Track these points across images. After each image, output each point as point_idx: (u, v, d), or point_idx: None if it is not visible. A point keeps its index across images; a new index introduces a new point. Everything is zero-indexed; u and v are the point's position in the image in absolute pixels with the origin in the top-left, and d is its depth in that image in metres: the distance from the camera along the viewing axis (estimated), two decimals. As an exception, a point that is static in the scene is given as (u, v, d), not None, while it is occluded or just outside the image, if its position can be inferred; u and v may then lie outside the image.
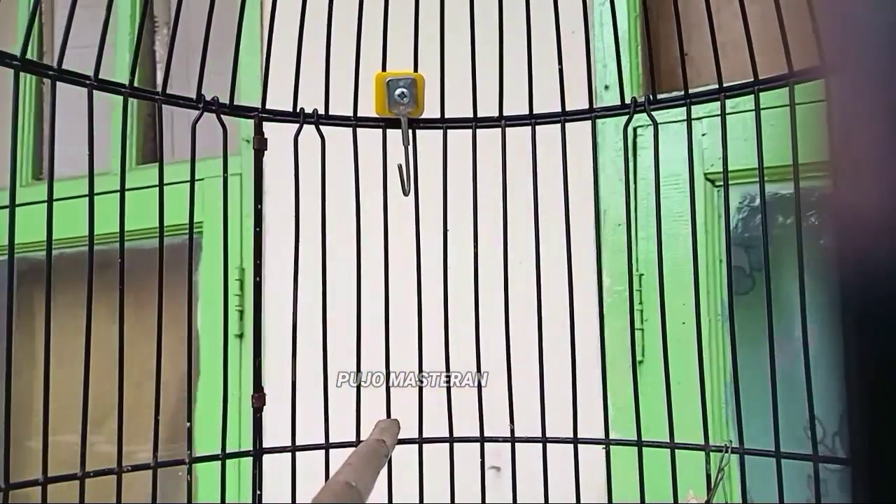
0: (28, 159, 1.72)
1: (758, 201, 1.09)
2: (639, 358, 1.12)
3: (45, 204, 0.69)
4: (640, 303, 1.13)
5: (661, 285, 0.79)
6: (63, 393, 0.73)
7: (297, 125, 0.84)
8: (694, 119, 1.01)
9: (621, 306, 1.09)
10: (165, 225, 0.77)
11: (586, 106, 0.85)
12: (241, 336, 1.41)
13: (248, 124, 0.85)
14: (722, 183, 1.05)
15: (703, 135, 1.09)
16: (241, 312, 1.41)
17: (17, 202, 0.68)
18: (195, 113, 0.79)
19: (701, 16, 0.79)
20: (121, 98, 0.74)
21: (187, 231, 0.79)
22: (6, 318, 0.74)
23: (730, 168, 0.77)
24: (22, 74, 0.67)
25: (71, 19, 0.68)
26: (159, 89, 0.78)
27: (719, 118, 0.78)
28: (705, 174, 1.11)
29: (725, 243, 0.80)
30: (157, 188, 0.77)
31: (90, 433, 0.69)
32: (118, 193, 0.74)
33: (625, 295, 1.12)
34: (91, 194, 0.71)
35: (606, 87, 1.20)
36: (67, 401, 0.72)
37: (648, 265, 1.13)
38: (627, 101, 0.83)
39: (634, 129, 1.16)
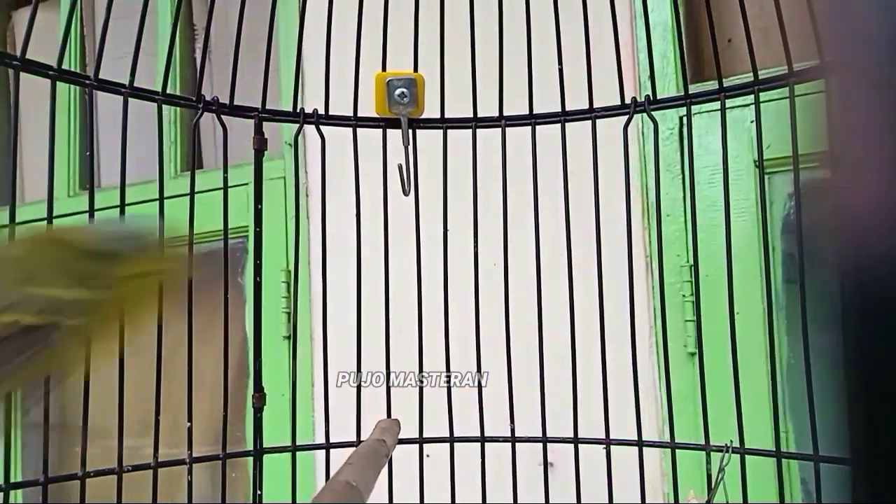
0: (75, 169, 1.73)
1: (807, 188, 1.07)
2: (691, 350, 1.09)
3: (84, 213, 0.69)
4: (691, 294, 1.09)
5: (729, 281, 0.78)
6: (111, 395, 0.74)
7: (296, 125, 0.84)
8: (742, 106, 0.98)
9: (670, 298, 1.08)
10: (209, 231, 0.79)
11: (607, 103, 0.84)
12: (288, 338, 1.39)
13: (290, 127, 0.86)
14: (772, 171, 1.04)
15: (751, 122, 1.05)
16: (289, 315, 1.40)
17: (66, 212, 0.69)
18: (238, 120, 0.80)
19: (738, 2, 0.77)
20: (166, 108, 0.76)
21: (238, 236, 0.81)
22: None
23: (779, 155, 0.75)
24: (66, 86, 0.67)
25: (106, 28, 0.69)
26: (206, 96, 0.79)
27: (767, 105, 0.76)
28: (754, 161, 1.05)
29: (764, 231, 0.80)
30: (189, 195, 0.78)
31: (139, 436, 0.70)
32: (169, 199, 0.76)
33: (676, 286, 1.11)
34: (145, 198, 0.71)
35: (648, 78, 1.17)
36: (124, 403, 0.73)
37: (699, 256, 1.11)
38: (634, 99, 0.83)
39: (680, 118, 1.13)
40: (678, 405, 0.81)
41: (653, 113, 0.81)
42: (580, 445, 0.81)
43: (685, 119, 1.02)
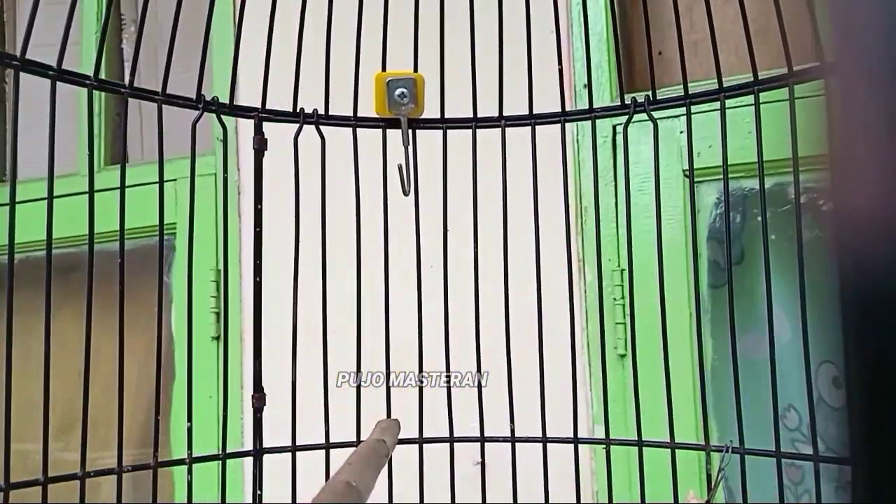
0: None
1: (734, 197, 1.11)
2: (621, 352, 1.13)
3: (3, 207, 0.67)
4: (623, 297, 1.13)
5: (659, 280, 0.78)
6: (22, 400, 0.72)
7: (296, 125, 0.84)
8: (672, 117, 1.03)
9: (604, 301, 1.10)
10: (137, 227, 0.76)
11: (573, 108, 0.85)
12: (217, 338, 1.38)
13: (221, 122, 0.84)
14: (700, 179, 1.10)
15: (681, 132, 1.10)
16: (217, 315, 1.39)
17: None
18: (176, 114, 0.79)
19: (673, 15, 0.79)
20: (84, 98, 0.73)
21: (163, 233, 0.79)
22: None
23: (705, 165, 0.78)
24: None
25: (34, 14, 0.67)
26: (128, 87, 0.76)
27: (701, 116, 0.79)
28: (683, 171, 1.12)
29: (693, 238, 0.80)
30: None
31: (51, 440, 0.68)
32: (86, 195, 0.72)
33: (607, 290, 1.13)
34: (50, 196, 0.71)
35: (584, 86, 1.19)
36: (27, 408, 0.70)
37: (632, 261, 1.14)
38: (627, 101, 0.83)
39: (613, 128, 1.17)
40: (609, 406, 0.83)
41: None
42: (526, 447, 0.81)
43: (618, 127, 1.05)
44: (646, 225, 1.10)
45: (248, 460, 0.81)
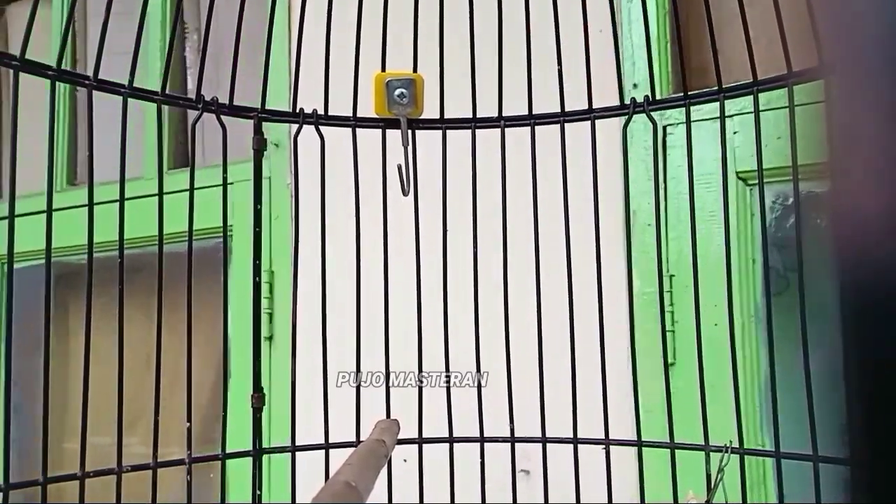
0: (63, 165, 1.71)
1: (791, 200, 1.06)
2: (670, 360, 1.07)
3: (82, 209, 0.71)
4: (672, 304, 1.09)
5: (696, 286, 0.78)
6: (98, 394, 0.74)
7: (296, 125, 0.84)
8: (727, 116, 0.98)
9: (651, 308, 1.06)
10: (197, 229, 0.79)
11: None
12: (270, 338, 1.39)
13: (275, 127, 0.85)
14: (756, 182, 1.04)
15: (735, 132, 1.05)
16: (271, 315, 1.40)
17: (42, 209, 0.69)
18: (237, 120, 0.80)
19: (731, 12, 0.77)
20: (154, 105, 0.76)
21: (218, 235, 0.81)
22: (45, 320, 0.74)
23: (763, 167, 0.75)
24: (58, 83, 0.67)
25: (106, 26, 0.69)
26: (193, 95, 0.79)
27: (751, 116, 0.76)
28: (737, 173, 1.07)
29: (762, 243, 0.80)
30: (189, 192, 0.78)
31: (124, 435, 0.70)
32: (151, 198, 0.76)
33: (654, 297, 1.10)
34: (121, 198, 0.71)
35: (635, 86, 1.16)
36: (102, 402, 0.72)
37: (679, 266, 1.09)
38: (638, 100, 0.83)
39: (664, 128, 1.12)
40: (655, 415, 0.81)
41: (639, 119, 0.81)
42: (578, 449, 0.81)
43: (668, 128, 1.01)
44: (701, 229, 1.02)
45: (287, 457, 0.81)
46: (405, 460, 0.81)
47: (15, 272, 0.71)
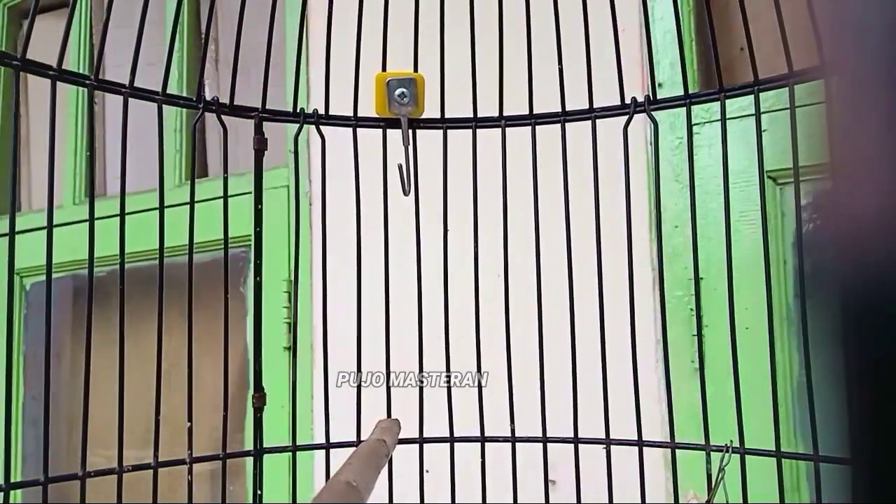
0: (81, 176, 1.70)
1: (819, 200, 1.03)
2: (697, 366, 1.02)
3: (101, 221, 0.71)
4: (701, 308, 1.05)
5: (730, 290, 0.78)
6: (134, 406, 0.74)
7: (297, 125, 0.84)
8: (751, 115, 0.96)
9: (678, 312, 1.06)
10: (210, 240, 0.79)
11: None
12: (288, 349, 1.34)
13: (293, 135, 0.85)
14: (785, 181, 1.02)
15: (765, 131, 1.03)
16: (289, 325, 1.36)
17: (72, 220, 0.69)
18: (245, 128, 0.80)
19: (755, 8, 0.76)
20: (173, 115, 0.76)
21: (243, 244, 0.81)
22: (46, 330, 0.75)
23: (788, 166, 0.74)
24: (73, 92, 0.67)
25: (106, 27, 0.69)
26: (224, 103, 0.80)
27: (781, 113, 0.75)
28: (767, 172, 1.02)
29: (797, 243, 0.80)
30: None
31: (139, 447, 0.70)
32: (177, 207, 0.78)
33: (684, 300, 1.08)
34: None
35: (661, 85, 1.14)
36: (138, 413, 0.73)
37: (708, 269, 1.07)
38: (641, 99, 0.83)
39: (689, 128, 1.12)
40: (684, 422, 0.79)
41: (664, 118, 0.81)
42: (588, 454, 0.81)
43: (695, 127, 0.98)
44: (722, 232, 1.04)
45: (321, 454, 0.81)
46: (427, 471, 0.81)
47: (34, 285, 0.71)
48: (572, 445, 0.81)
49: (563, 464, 0.81)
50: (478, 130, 0.86)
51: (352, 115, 0.85)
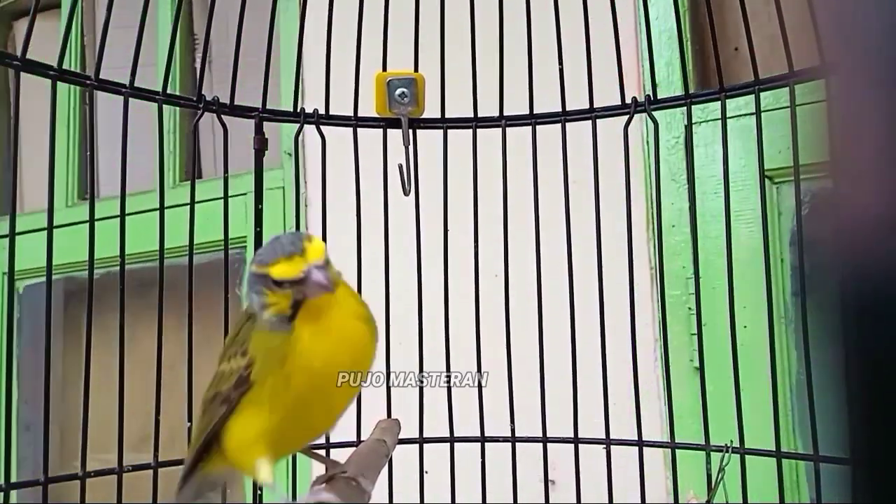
0: (74, 179, 1.69)
1: (818, 199, 1.03)
2: (696, 364, 0.98)
3: (100, 222, 0.72)
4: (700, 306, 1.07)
5: (730, 289, 0.78)
6: (135, 411, 0.74)
7: (296, 131, 0.84)
8: (750, 114, 0.95)
9: (676, 311, 1.05)
10: (206, 241, 0.78)
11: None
12: None
13: (289, 136, 0.85)
14: (781, 180, 1.01)
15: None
16: None
17: (64, 223, 0.69)
18: (240, 129, 0.80)
19: (751, 9, 0.76)
20: (166, 115, 0.76)
21: (231, 246, 0.82)
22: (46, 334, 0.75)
23: (788, 164, 0.74)
24: (63, 93, 0.67)
25: (107, 27, 0.69)
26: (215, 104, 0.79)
27: (776, 113, 0.75)
28: (763, 171, 1.05)
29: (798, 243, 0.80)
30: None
31: (136, 450, 0.70)
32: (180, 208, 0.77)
33: (682, 299, 1.07)
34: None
35: (657, 85, 1.11)
36: (140, 417, 0.73)
37: (705, 268, 1.03)
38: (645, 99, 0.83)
39: (686, 128, 1.11)
40: (683, 421, 0.79)
41: (660, 117, 0.81)
42: (588, 454, 0.81)
43: (695, 128, 0.97)
44: (723, 230, 0.95)
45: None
46: (427, 472, 0.81)
47: (27, 288, 0.71)
48: (572, 445, 0.81)
49: (563, 464, 0.81)
50: (478, 130, 0.86)
51: (352, 114, 0.85)
